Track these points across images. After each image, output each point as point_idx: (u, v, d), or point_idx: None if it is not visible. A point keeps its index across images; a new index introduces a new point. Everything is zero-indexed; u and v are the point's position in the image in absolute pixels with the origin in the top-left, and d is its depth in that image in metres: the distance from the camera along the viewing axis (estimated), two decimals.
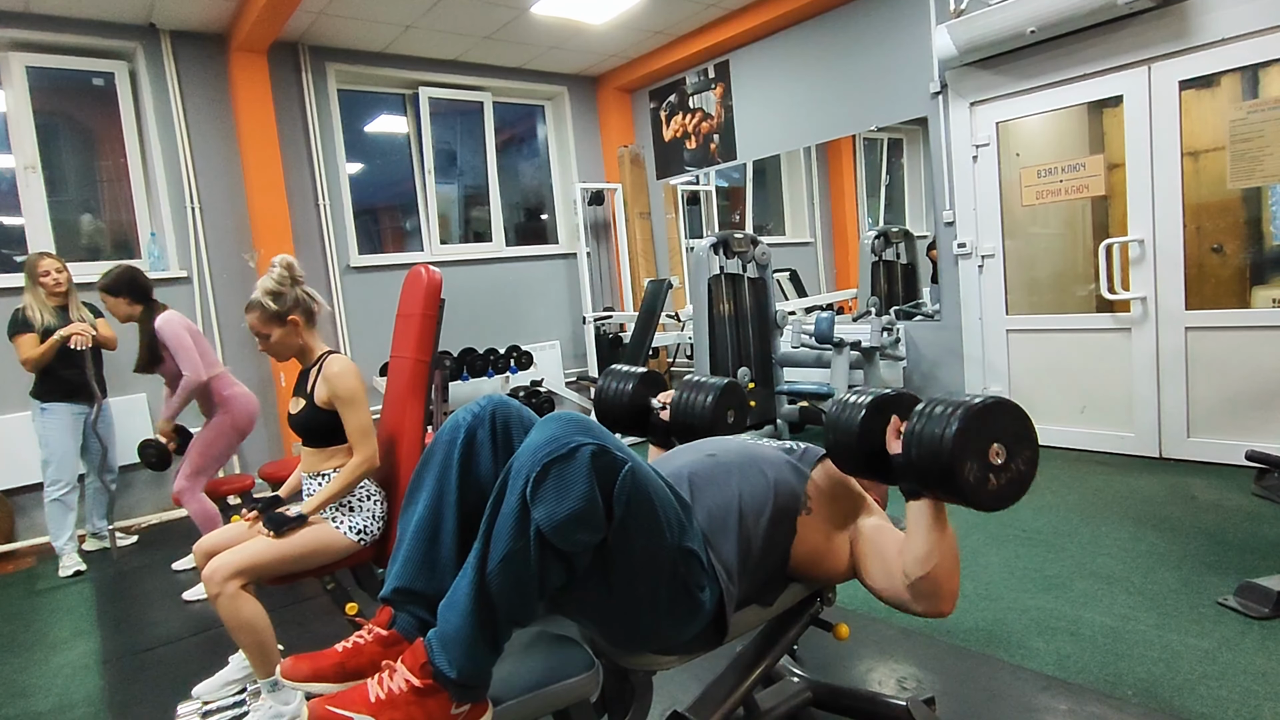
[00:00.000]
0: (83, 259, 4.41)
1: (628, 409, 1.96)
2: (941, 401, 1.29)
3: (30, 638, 2.88)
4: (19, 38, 4.07)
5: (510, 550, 1.10)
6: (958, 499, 1.26)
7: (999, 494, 1.26)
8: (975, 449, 1.23)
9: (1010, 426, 1.28)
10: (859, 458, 1.41)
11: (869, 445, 1.39)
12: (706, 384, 1.87)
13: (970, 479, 1.23)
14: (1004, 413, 1.28)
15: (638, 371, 2.00)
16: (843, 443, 1.42)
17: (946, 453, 1.22)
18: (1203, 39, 3.35)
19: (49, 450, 3.51)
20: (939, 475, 1.25)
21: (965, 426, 1.22)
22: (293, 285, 2.17)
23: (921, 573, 1.31)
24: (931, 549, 1.31)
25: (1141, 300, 3.69)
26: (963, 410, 1.24)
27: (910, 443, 1.29)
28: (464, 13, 4.60)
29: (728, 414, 1.87)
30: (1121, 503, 3.20)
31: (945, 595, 1.33)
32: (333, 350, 2.22)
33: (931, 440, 1.25)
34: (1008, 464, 1.26)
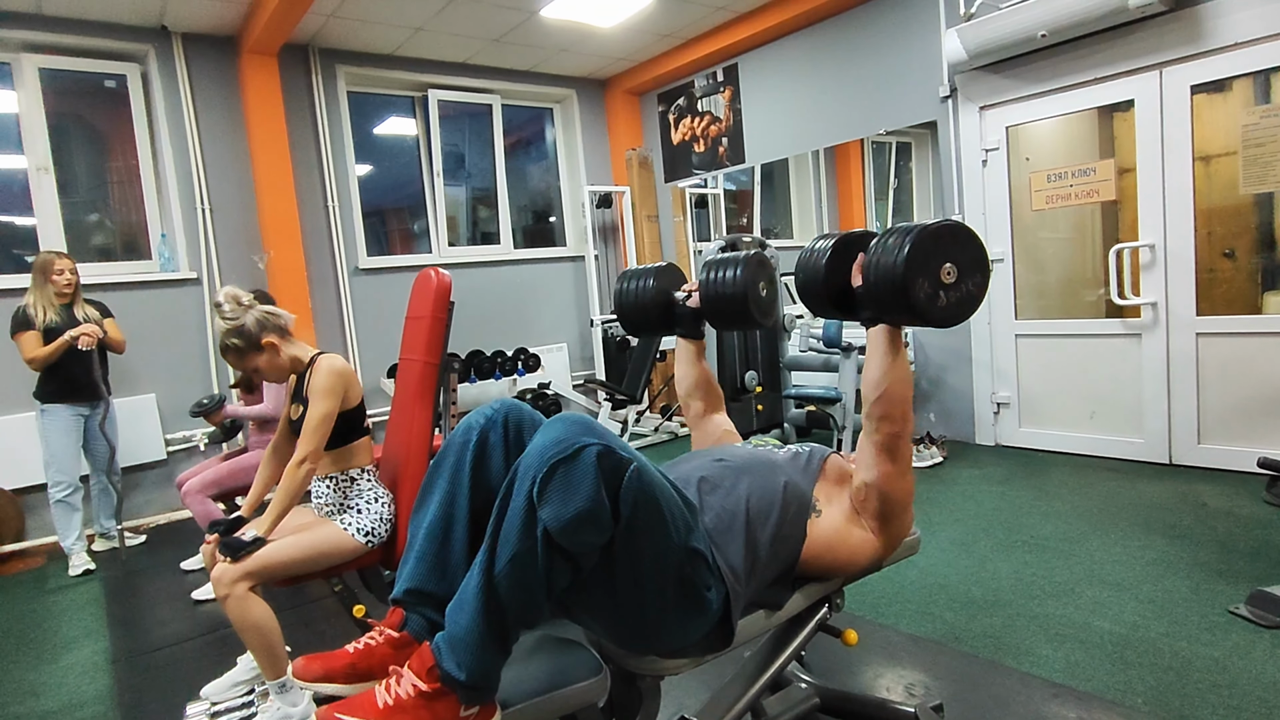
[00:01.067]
0: (94, 259, 4.44)
1: (651, 306, 1.89)
2: (899, 229, 1.36)
3: (40, 636, 2.90)
4: (32, 39, 4.10)
5: (518, 551, 1.11)
6: (910, 315, 1.35)
7: (948, 310, 1.35)
8: (927, 267, 1.32)
9: (963, 249, 1.36)
10: (825, 296, 1.50)
11: (835, 282, 1.48)
12: (733, 258, 1.77)
13: (921, 295, 1.31)
14: (957, 235, 1.36)
15: (655, 266, 1.93)
16: (810, 281, 1.51)
17: (900, 272, 1.30)
18: (1215, 43, 3.33)
19: (49, 451, 3.54)
20: (892, 295, 1.33)
21: (917, 245, 1.31)
22: (247, 311, 2.13)
23: (877, 393, 1.42)
24: (885, 370, 1.41)
25: (1152, 306, 3.67)
26: (915, 231, 1.32)
27: (869, 269, 1.37)
28: (473, 16, 4.61)
29: (760, 286, 1.78)
30: (1131, 509, 3.18)
31: (899, 415, 1.43)
32: (323, 352, 2.21)
33: (887, 263, 1.33)
34: (958, 283, 1.35)
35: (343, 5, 4.29)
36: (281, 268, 4.63)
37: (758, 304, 1.76)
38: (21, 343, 3.41)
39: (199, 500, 3.11)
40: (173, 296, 4.49)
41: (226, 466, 3.18)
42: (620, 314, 1.95)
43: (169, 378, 4.45)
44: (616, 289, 1.95)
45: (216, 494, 3.14)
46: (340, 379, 2.11)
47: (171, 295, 4.49)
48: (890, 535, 1.53)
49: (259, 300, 2.21)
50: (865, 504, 1.50)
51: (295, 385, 2.21)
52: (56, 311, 3.48)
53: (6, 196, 4.28)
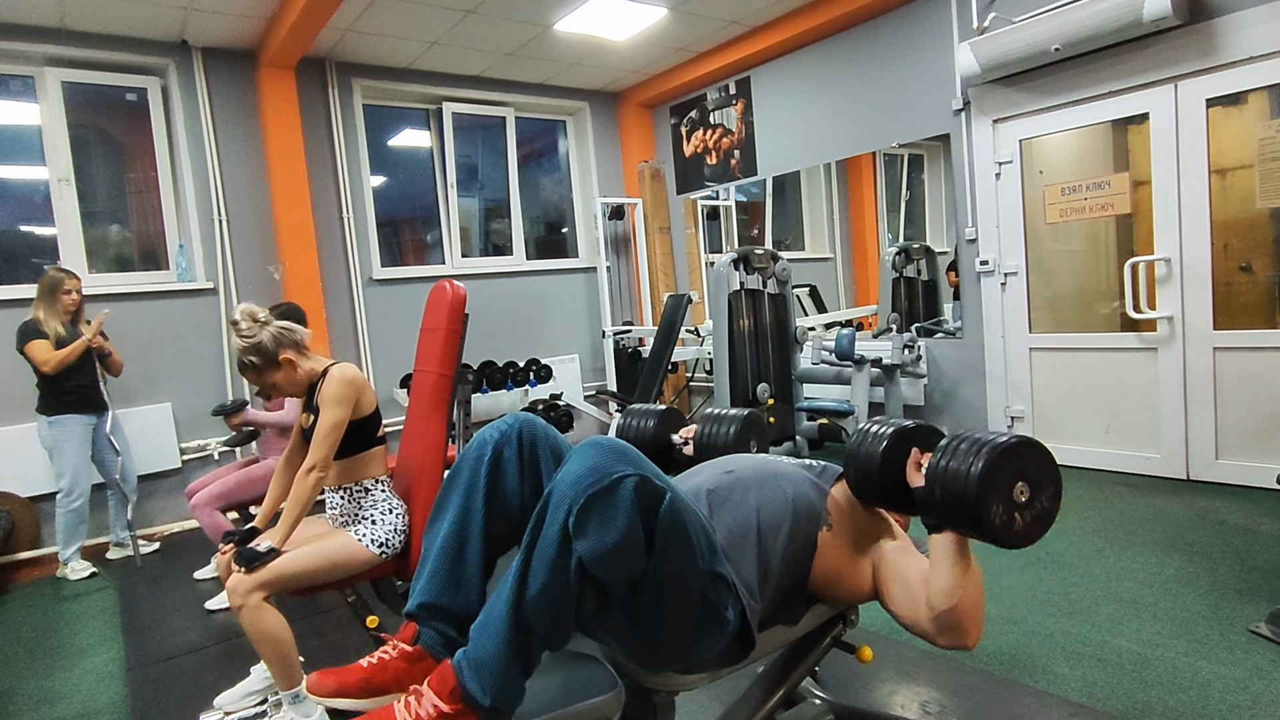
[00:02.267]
0: (112, 269, 4.50)
1: (650, 447, 1.97)
2: (965, 438, 1.29)
3: (55, 644, 2.92)
4: (55, 54, 4.17)
5: (550, 580, 1.11)
6: (984, 537, 1.26)
7: (1024, 533, 1.26)
8: (1000, 489, 1.24)
9: (1033, 465, 1.28)
10: (880, 490, 1.42)
11: (890, 477, 1.40)
12: (728, 415, 1.88)
13: (997, 520, 1.23)
14: (1028, 451, 1.28)
15: (657, 409, 2.02)
16: (864, 474, 1.43)
17: (972, 493, 1.22)
18: (1230, 57, 3.32)
19: (63, 463, 3.57)
20: (964, 514, 1.25)
21: (991, 466, 1.22)
22: (263, 328, 2.13)
23: (946, 606, 1.29)
24: (956, 583, 1.29)
25: (1168, 320, 3.65)
26: (988, 449, 1.24)
27: (934, 479, 1.28)
28: (488, 30, 4.66)
29: (751, 445, 1.88)
30: (1148, 525, 3.15)
31: (970, 629, 1.31)
32: (337, 362, 2.22)
33: (956, 479, 1.25)
34: (1032, 502, 1.27)
35: (359, 20, 4.34)
36: (296, 278, 4.67)
37: None
38: (35, 349, 3.45)
39: (208, 513, 3.11)
40: (189, 306, 4.54)
41: (234, 479, 3.19)
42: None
43: (185, 387, 4.49)
44: (620, 423, 2.06)
45: (224, 506, 3.15)
46: (351, 388, 2.12)
47: (188, 305, 4.54)
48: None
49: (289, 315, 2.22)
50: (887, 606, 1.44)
51: (307, 395, 2.23)
52: (64, 328, 3.53)
53: (29, 207, 4.35)
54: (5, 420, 3.94)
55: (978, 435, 1.29)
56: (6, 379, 3.89)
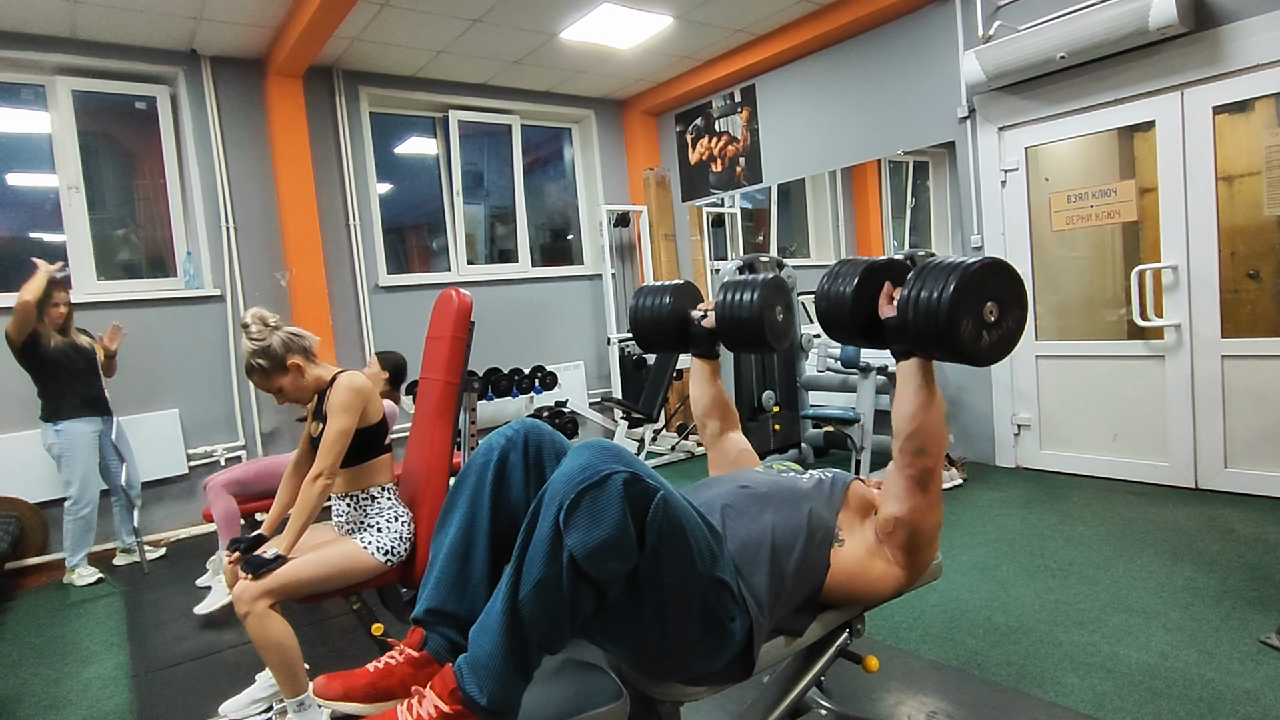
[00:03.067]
0: (120, 276, 4.52)
1: (667, 323, 1.88)
2: (938, 264, 1.34)
3: (62, 649, 2.93)
4: (66, 63, 4.21)
5: (543, 577, 1.11)
6: (953, 355, 1.32)
7: (990, 349, 1.34)
8: (972, 306, 1.30)
9: (1004, 286, 1.35)
10: (851, 324, 1.47)
11: (861, 311, 1.45)
12: (750, 280, 1.77)
13: (966, 335, 1.29)
14: (999, 273, 1.34)
15: (672, 284, 1.91)
16: (835, 311, 1.48)
17: (945, 312, 1.28)
18: (1237, 65, 3.32)
19: (71, 470, 3.57)
20: (936, 334, 1.31)
21: (963, 284, 1.28)
22: (273, 332, 2.13)
23: (911, 428, 1.38)
24: (921, 404, 1.38)
25: (1175, 327, 3.63)
26: (961, 270, 1.29)
27: (906, 304, 1.35)
28: (494, 39, 4.68)
29: (776, 310, 1.77)
30: (1157, 535, 3.13)
31: (934, 449, 1.40)
32: (344, 370, 2.23)
33: (929, 302, 1.30)
34: (1000, 321, 1.34)
35: (367, 29, 4.37)
36: (303, 285, 4.69)
37: (773, 328, 1.75)
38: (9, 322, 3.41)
39: (221, 494, 3.05)
40: (197, 313, 4.56)
41: (255, 467, 3.19)
42: (635, 330, 1.95)
43: (192, 393, 4.51)
44: (632, 305, 1.94)
45: (239, 493, 3.12)
46: (359, 396, 2.12)
47: (196, 312, 4.56)
48: (915, 566, 1.51)
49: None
50: (892, 536, 1.48)
51: (316, 403, 2.23)
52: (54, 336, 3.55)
53: (39, 214, 4.38)
54: (13, 427, 3.95)
55: (950, 259, 1.34)
56: (15, 386, 3.91)
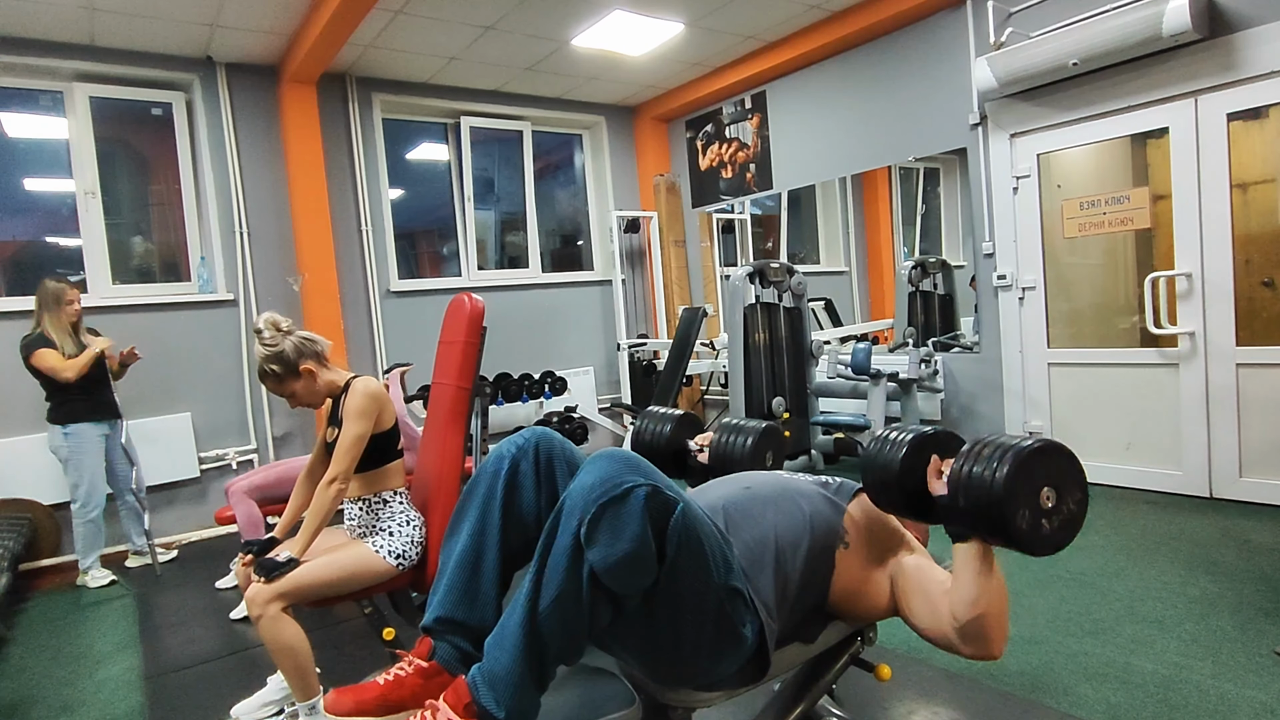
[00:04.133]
0: (134, 281, 4.56)
1: (665, 451, 1.97)
2: (989, 443, 1.27)
3: (75, 651, 2.94)
4: (84, 69, 4.26)
5: (563, 590, 1.11)
6: (1011, 545, 1.23)
7: (1052, 538, 1.24)
8: (1026, 494, 1.21)
9: (1059, 469, 1.25)
10: (899, 497, 1.38)
11: (909, 484, 1.36)
12: (745, 426, 1.88)
13: (1024, 525, 1.20)
14: (1053, 455, 1.25)
15: (674, 414, 2.02)
16: (882, 481, 1.39)
17: (998, 498, 1.19)
18: (1251, 71, 3.30)
19: (79, 472, 3.59)
20: (990, 520, 1.22)
21: (1016, 470, 1.19)
22: (285, 337, 2.14)
23: (971, 615, 1.27)
24: (981, 592, 1.27)
25: (1189, 335, 3.61)
26: (1013, 453, 1.21)
27: (957, 485, 1.26)
28: (506, 46, 4.71)
29: (766, 457, 1.87)
30: (1171, 544, 3.10)
31: (995, 638, 1.29)
32: (358, 375, 2.23)
33: (980, 484, 1.22)
34: (1059, 507, 1.24)
35: (380, 36, 4.40)
36: (315, 290, 4.72)
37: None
38: (47, 358, 3.45)
39: (243, 499, 3.08)
40: (210, 317, 4.59)
41: (275, 472, 3.21)
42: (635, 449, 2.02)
43: (204, 397, 4.54)
44: (636, 425, 2.05)
45: (261, 498, 3.14)
46: (374, 401, 2.13)
47: (209, 316, 4.59)
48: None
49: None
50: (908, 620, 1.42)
51: (331, 408, 2.25)
52: (70, 340, 3.57)
53: (55, 219, 4.43)
54: (23, 429, 3.99)
55: (1001, 440, 1.27)
56: (28, 388, 3.93)
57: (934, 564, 1.47)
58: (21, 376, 3.80)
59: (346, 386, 2.18)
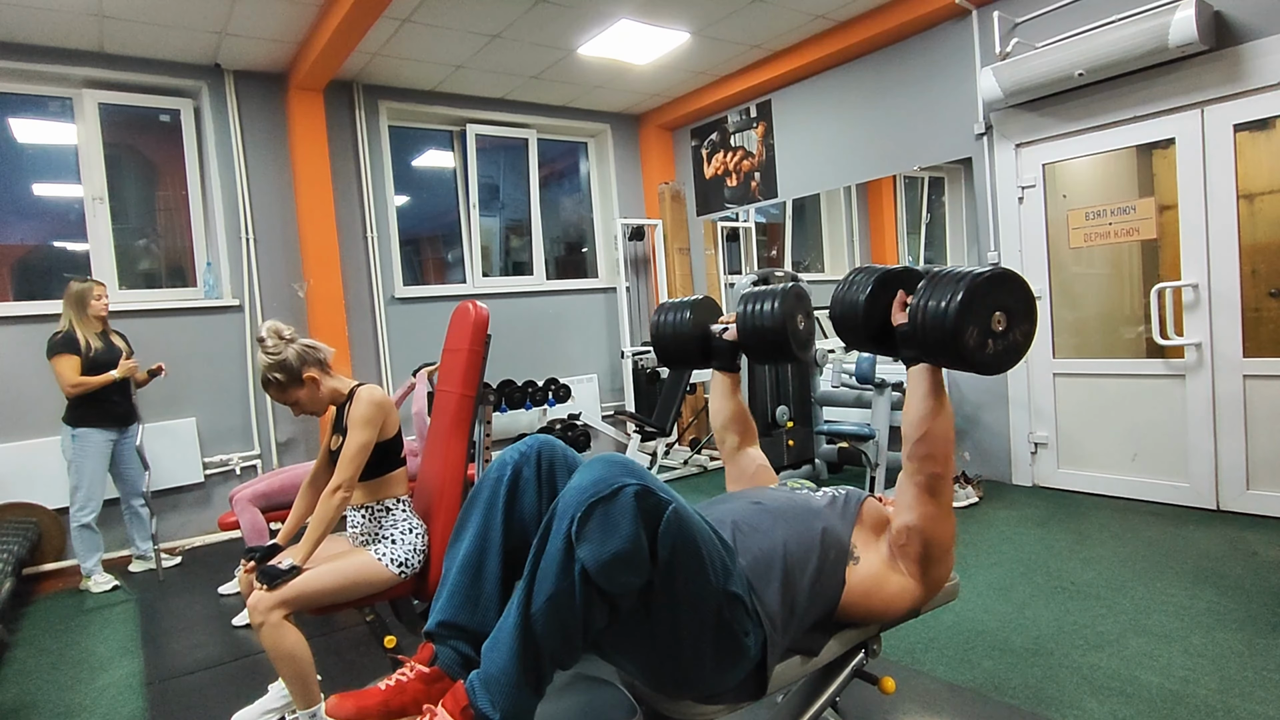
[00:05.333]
0: (140, 286, 4.58)
1: (688, 338, 1.89)
2: (949, 272, 1.36)
3: (77, 656, 2.94)
4: (93, 76, 4.29)
5: (555, 590, 1.11)
6: (959, 362, 1.35)
7: (995, 359, 1.36)
8: (979, 315, 1.32)
9: (1014, 297, 1.36)
10: (864, 331, 1.49)
11: (874, 318, 1.47)
12: (771, 291, 1.77)
13: (970, 342, 1.31)
14: (1009, 283, 1.36)
15: (691, 299, 1.93)
16: (848, 316, 1.51)
17: (952, 319, 1.30)
18: (1258, 82, 3.29)
19: (79, 476, 3.60)
20: (940, 339, 1.33)
21: (971, 292, 1.31)
22: (288, 345, 2.14)
23: (919, 433, 1.40)
24: (929, 410, 1.40)
25: (1196, 346, 3.59)
26: (969, 277, 1.32)
27: (916, 310, 1.37)
28: (512, 54, 4.73)
29: (798, 319, 1.77)
30: (1177, 556, 3.08)
31: (942, 455, 1.41)
32: (362, 383, 2.23)
33: (937, 309, 1.33)
34: (1007, 331, 1.36)
35: (387, 44, 4.43)
36: (320, 296, 4.74)
37: (795, 336, 1.76)
38: (62, 365, 3.48)
39: (247, 507, 3.10)
40: (215, 323, 4.61)
41: (280, 479, 3.21)
42: (657, 346, 1.96)
43: (209, 402, 4.55)
44: (653, 320, 1.96)
45: (265, 505, 3.15)
46: (380, 410, 2.14)
47: (214, 321, 4.61)
48: (931, 580, 1.50)
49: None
50: (906, 548, 1.47)
51: (335, 416, 2.25)
52: (96, 337, 3.59)
53: (63, 224, 4.46)
54: (32, 433, 4.01)
55: (961, 268, 1.36)
56: (34, 393, 3.97)
57: None
58: (25, 381, 3.83)
59: (351, 394, 2.18)
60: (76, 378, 3.49)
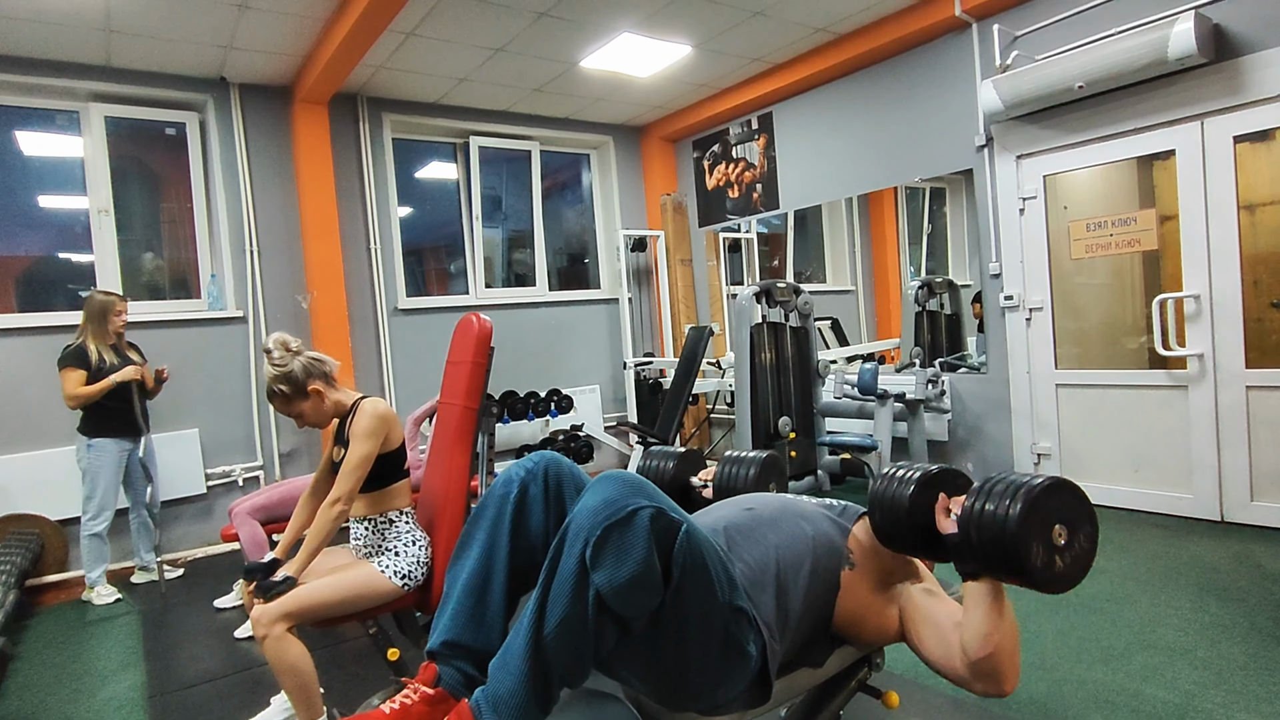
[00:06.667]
0: (144, 297, 4.60)
1: (669, 488, 1.99)
2: (1000, 480, 1.27)
3: (79, 669, 2.94)
4: (100, 90, 4.32)
5: (568, 613, 1.11)
6: (1024, 582, 1.23)
7: (1065, 575, 1.24)
8: (1040, 531, 1.22)
9: (1070, 505, 1.26)
10: (908, 537, 1.38)
11: (917, 523, 1.37)
12: (747, 458, 1.92)
13: (1038, 562, 1.21)
14: (1063, 492, 1.26)
15: (677, 451, 2.08)
16: (890, 521, 1.40)
17: (1011, 535, 1.20)
18: (1258, 94, 3.31)
19: (93, 485, 3.61)
20: (1004, 558, 1.22)
21: (1030, 507, 1.20)
22: (295, 357, 2.15)
23: (984, 653, 1.26)
24: (993, 629, 1.26)
25: (1198, 357, 3.59)
26: (1025, 490, 1.22)
27: (969, 523, 1.26)
28: (515, 67, 4.76)
29: (770, 487, 1.90)
30: (1182, 569, 3.07)
31: (1008, 675, 1.28)
32: (366, 396, 2.24)
33: (993, 522, 1.22)
34: (1070, 543, 1.25)
35: (392, 58, 4.46)
36: (324, 307, 4.75)
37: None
38: (67, 377, 3.50)
39: (246, 520, 3.11)
40: (219, 334, 4.62)
41: (279, 492, 3.23)
42: None
43: (212, 413, 4.56)
44: (639, 465, 2.11)
45: (265, 519, 3.15)
46: (383, 422, 2.14)
47: (218, 333, 4.62)
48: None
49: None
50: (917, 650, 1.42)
51: (337, 428, 2.25)
52: (109, 350, 3.61)
53: (69, 236, 4.48)
54: (36, 444, 4.01)
55: (1011, 477, 1.27)
56: (38, 404, 3.98)
57: (943, 593, 1.46)
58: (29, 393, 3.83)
59: (354, 406, 2.19)
60: (75, 390, 3.50)
